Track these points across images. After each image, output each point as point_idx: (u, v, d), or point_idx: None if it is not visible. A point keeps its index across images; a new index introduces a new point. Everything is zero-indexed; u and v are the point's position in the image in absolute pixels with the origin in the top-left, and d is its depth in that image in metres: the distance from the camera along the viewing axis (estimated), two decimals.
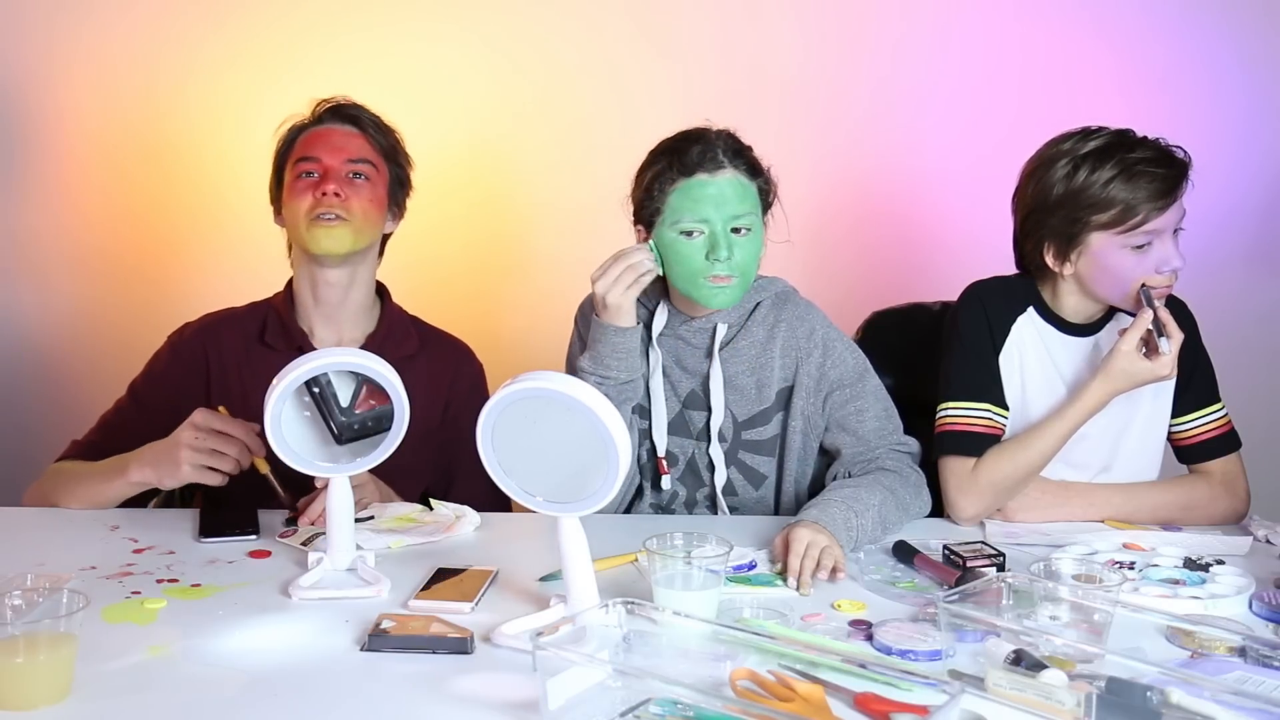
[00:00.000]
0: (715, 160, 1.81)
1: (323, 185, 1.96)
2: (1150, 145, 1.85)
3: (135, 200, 2.90)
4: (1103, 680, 1.22)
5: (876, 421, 1.92)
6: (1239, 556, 1.72)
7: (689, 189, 1.81)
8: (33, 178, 2.90)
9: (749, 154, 1.85)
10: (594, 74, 2.86)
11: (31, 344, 2.94)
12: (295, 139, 2.03)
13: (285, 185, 2.01)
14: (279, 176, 2.05)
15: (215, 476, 1.82)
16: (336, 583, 1.59)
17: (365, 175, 2.00)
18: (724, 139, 1.84)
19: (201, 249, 2.90)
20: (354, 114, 2.04)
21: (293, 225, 2.00)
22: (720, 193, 1.80)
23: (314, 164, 1.99)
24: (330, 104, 2.05)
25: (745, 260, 1.82)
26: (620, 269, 1.80)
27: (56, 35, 2.85)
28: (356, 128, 2.03)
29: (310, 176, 1.98)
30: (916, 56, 2.85)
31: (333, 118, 2.03)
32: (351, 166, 1.99)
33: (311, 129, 2.03)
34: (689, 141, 1.83)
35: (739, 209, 1.81)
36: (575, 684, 1.20)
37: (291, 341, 2.02)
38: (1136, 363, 1.81)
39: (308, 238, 1.97)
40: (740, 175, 1.82)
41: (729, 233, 1.80)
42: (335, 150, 1.99)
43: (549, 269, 2.88)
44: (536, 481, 1.45)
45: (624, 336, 1.83)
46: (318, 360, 1.61)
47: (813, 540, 1.63)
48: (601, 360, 1.84)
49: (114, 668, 1.32)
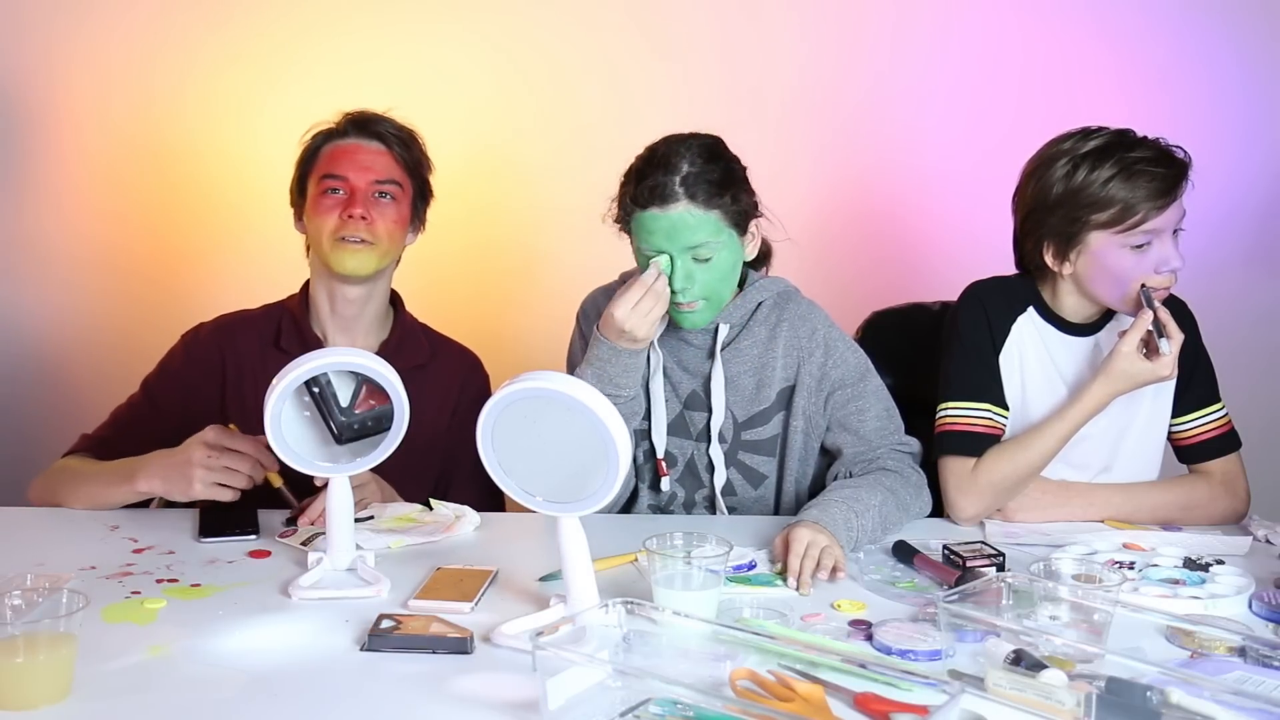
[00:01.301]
0: (667, 193, 1.77)
1: (350, 207, 1.97)
2: (1150, 145, 1.85)
3: (136, 200, 2.90)
4: (1103, 680, 1.22)
5: (878, 421, 1.92)
6: (1239, 556, 1.73)
7: (643, 221, 1.80)
8: (33, 178, 2.90)
9: (711, 173, 1.79)
10: (595, 75, 2.86)
11: (32, 344, 2.93)
12: (319, 149, 2.03)
13: (310, 197, 2.02)
14: (302, 183, 2.04)
15: (227, 493, 1.82)
16: (336, 583, 1.59)
17: (391, 195, 2.01)
18: (688, 159, 1.79)
19: (202, 249, 2.90)
20: (380, 130, 2.03)
21: (315, 241, 2.00)
22: (672, 226, 1.78)
23: (340, 182, 1.99)
24: (357, 116, 2.04)
25: (710, 283, 1.82)
26: (650, 302, 1.77)
27: (56, 36, 2.85)
28: (383, 144, 2.03)
29: (336, 194, 1.99)
30: (916, 56, 2.85)
31: (359, 132, 2.03)
32: (378, 187, 2.00)
33: (337, 142, 2.03)
34: (650, 166, 1.80)
35: (694, 239, 1.79)
36: (575, 684, 1.20)
37: (306, 347, 2.01)
38: (1137, 363, 1.81)
39: (331, 257, 1.98)
40: (694, 206, 1.78)
41: (689, 262, 1.80)
42: (362, 169, 2.00)
43: (550, 270, 2.88)
44: (536, 481, 1.45)
45: (637, 357, 1.84)
46: (318, 360, 1.61)
47: (813, 540, 1.63)
48: (612, 380, 1.83)
49: (114, 668, 1.32)
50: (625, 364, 1.83)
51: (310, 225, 2.01)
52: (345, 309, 2.04)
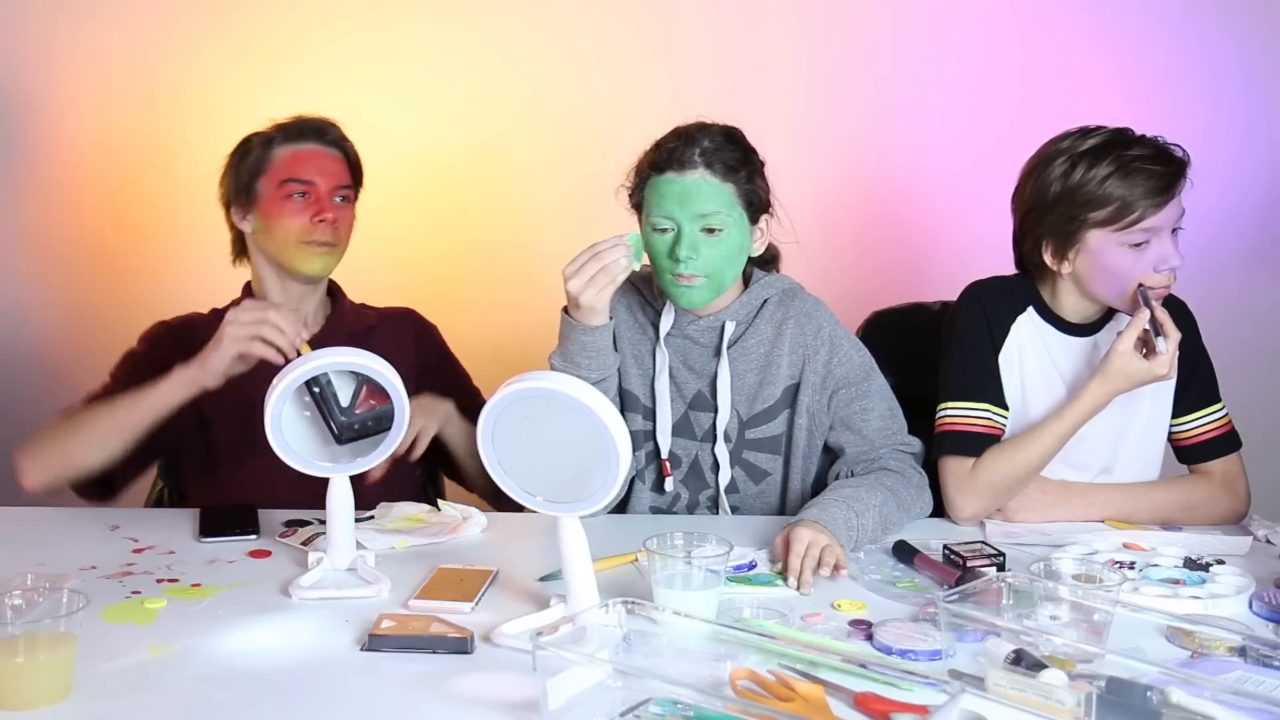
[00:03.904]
0: (686, 158, 1.80)
1: (320, 212, 2.03)
2: (1148, 143, 1.85)
3: (135, 200, 2.90)
4: (1103, 680, 1.22)
5: (881, 421, 1.92)
6: (1239, 556, 1.72)
7: (658, 185, 1.82)
8: (33, 178, 2.90)
9: (730, 153, 1.82)
10: (592, 74, 2.86)
11: (32, 343, 2.94)
12: (271, 153, 2.07)
13: (266, 199, 2.05)
14: (246, 183, 2.07)
15: (269, 350, 1.79)
16: (336, 583, 1.59)
17: (347, 198, 2.10)
18: (709, 136, 1.83)
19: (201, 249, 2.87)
20: (335, 136, 2.10)
21: (279, 243, 2.04)
22: (686, 191, 1.80)
23: (306, 185, 2.04)
24: (313, 122, 2.09)
25: (714, 260, 1.81)
26: (595, 269, 1.74)
27: (56, 36, 2.85)
28: (339, 150, 2.10)
29: (303, 198, 2.04)
30: (916, 56, 2.85)
31: (317, 138, 2.08)
32: (339, 191, 2.07)
33: (296, 147, 2.07)
34: (673, 138, 1.84)
35: (706, 208, 1.80)
36: (575, 684, 1.20)
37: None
38: (1134, 362, 1.81)
39: (297, 258, 2.04)
40: (711, 175, 1.80)
41: (697, 232, 1.80)
42: (327, 175, 2.06)
43: (548, 269, 2.84)
44: (536, 481, 1.45)
45: (593, 335, 1.81)
46: (318, 360, 1.61)
47: (813, 540, 1.63)
48: (573, 359, 1.83)
49: (114, 668, 1.32)
50: (582, 342, 1.81)
51: (274, 227, 2.04)
52: (298, 301, 2.09)
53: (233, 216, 2.11)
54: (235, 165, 2.10)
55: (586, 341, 1.81)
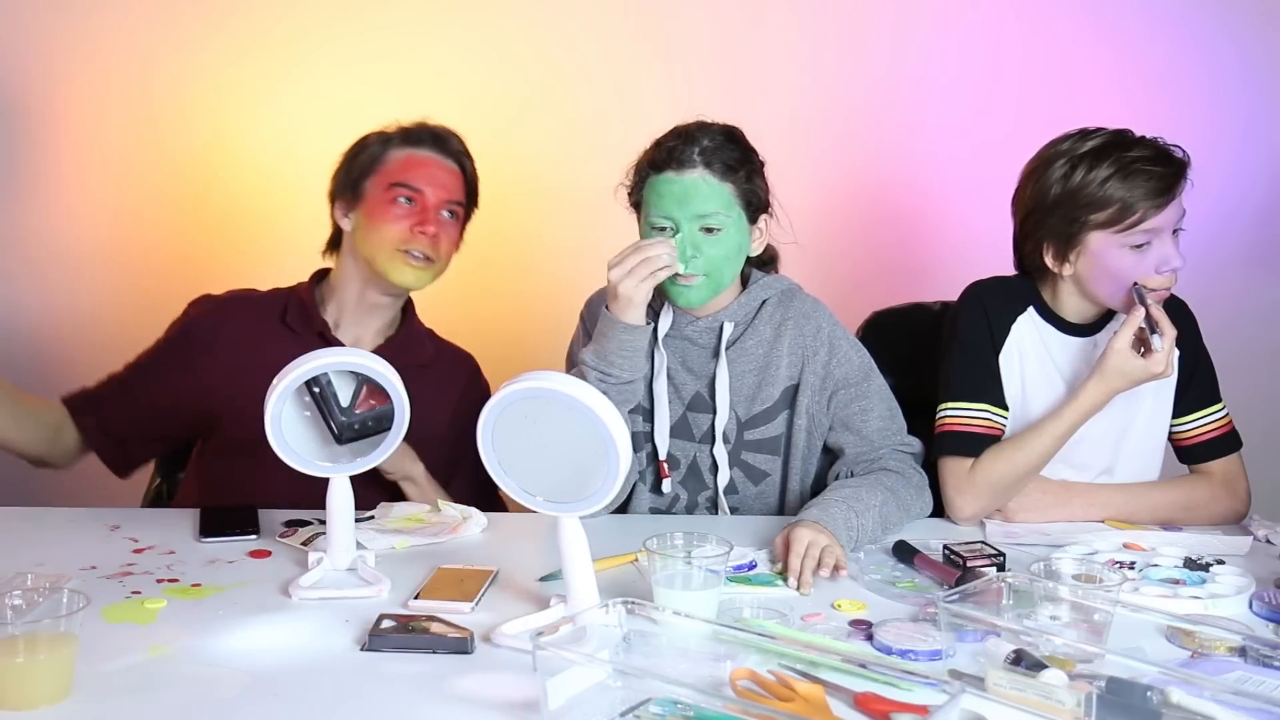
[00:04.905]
0: (685, 157, 1.80)
1: (423, 223, 1.96)
2: (1148, 144, 1.85)
3: (137, 199, 2.90)
4: (1103, 680, 1.22)
5: (880, 421, 1.92)
6: (1239, 556, 1.73)
7: (657, 184, 1.82)
8: (34, 176, 2.90)
9: (729, 152, 1.82)
10: (593, 74, 2.86)
11: (33, 343, 2.93)
12: (387, 153, 2.01)
13: (371, 199, 1.99)
14: (357, 181, 2.01)
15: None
16: (336, 583, 1.59)
17: (455, 215, 2.02)
18: (709, 135, 1.83)
19: (203, 248, 2.89)
20: (455, 148, 2.03)
21: (375, 246, 1.97)
22: (685, 190, 1.80)
23: (414, 193, 1.98)
24: (435, 130, 2.03)
25: (714, 259, 1.82)
26: (637, 260, 1.75)
27: (56, 36, 2.84)
28: (456, 163, 2.03)
29: (408, 204, 1.97)
30: (916, 57, 2.85)
31: (435, 146, 2.02)
32: (448, 205, 2.00)
33: (412, 151, 2.01)
34: (672, 136, 1.84)
35: (705, 207, 1.80)
36: (575, 684, 1.20)
37: (311, 327, 2.01)
38: (1130, 361, 1.81)
39: (390, 267, 1.97)
40: (710, 174, 1.80)
41: (696, 231, 1.80)
42: (437, 185, 1.99)
43: (549, 268, 2.88)
44: (536, 481, 1.45)
45: (633, 335, 1.80)
46: (318, 360, 1.61)
47: (813, 540, 1.63)
48: (607, 357, 1.82)
49: (114, 668, 1.32)
50: (621, 340, 1.80)
51: (373, 231, 1.97)
52: (372, 310, 2.04)
53: (335, 212, 2.04)
54: (348, 161, 2.03)
55: (626, 340, 1.80)
